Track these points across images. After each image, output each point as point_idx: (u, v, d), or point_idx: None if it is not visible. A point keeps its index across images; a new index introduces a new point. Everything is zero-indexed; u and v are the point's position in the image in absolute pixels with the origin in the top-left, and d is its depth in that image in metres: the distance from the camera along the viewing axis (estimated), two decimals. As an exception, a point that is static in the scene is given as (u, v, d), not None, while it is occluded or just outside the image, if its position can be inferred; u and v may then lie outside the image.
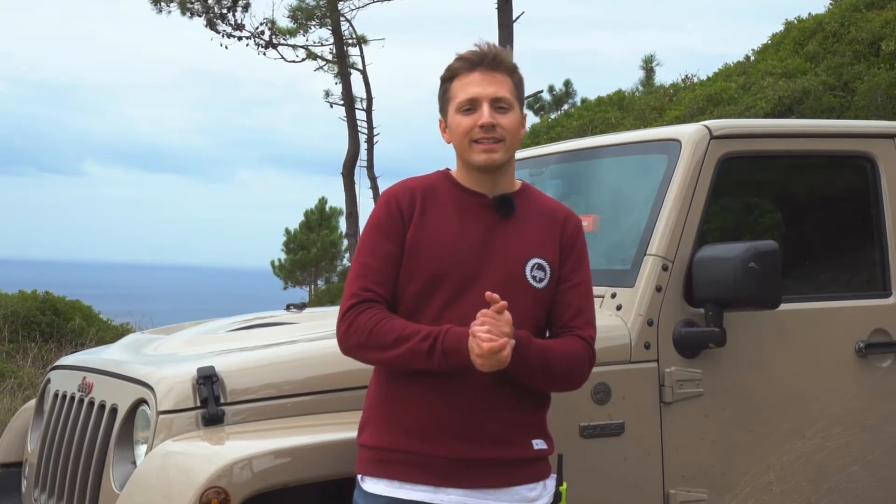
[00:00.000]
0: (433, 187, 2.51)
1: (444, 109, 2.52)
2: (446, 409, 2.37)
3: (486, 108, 2.42)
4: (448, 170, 2.57)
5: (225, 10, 20.40)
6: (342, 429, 2.62)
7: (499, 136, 2.43)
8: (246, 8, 20.51)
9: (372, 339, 2.36)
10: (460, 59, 2.49)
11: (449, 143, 2.52)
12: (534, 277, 2.44)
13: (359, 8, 20.69)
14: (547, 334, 2.50)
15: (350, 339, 2.41)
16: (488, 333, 2.21)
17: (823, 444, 3.29)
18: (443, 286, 2.40)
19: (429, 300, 2.41)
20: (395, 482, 2.38)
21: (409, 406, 2.40)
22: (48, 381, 3.66)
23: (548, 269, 2.46)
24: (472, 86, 2.44)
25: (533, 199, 2.55)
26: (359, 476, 2.45)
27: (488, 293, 2.23)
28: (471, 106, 2.44)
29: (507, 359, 2.23)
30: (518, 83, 2.50)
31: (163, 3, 19.47)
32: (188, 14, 20.29)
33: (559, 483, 2.51)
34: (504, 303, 2.25)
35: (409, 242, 2.44)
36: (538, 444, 2.46)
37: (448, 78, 2.50)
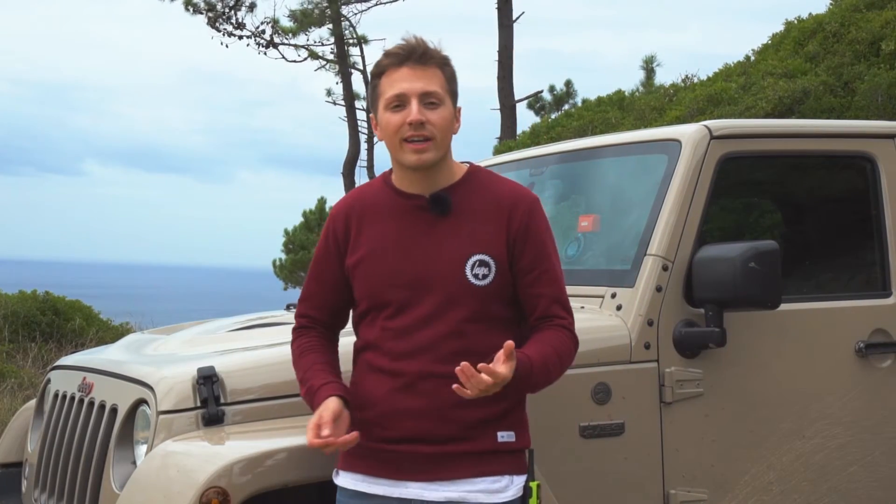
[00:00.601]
0: (372, 198, 2.49)
1: (374, 106, 2.45)
2: (402, 415, 2.37)
3: (414, 104, 2.35)
4: (391, 170, 2.52)
5: (227, 9, 20.43)
6: (342, 429, 2.62)
7: (428, 134, 2.35)
8: (252, 8, 20.54)
9: (294, 368, 2.54)
10: (388, 54, 2.41)
11: (381, 140, 2.45)
12: (476, 276, 2.37)
13: (361, 11, 20.72)
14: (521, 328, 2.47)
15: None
16: (315, 429, 2.25)
17: (823, 444, 3.29)
18: (388, 299, 2.40)
19: (380, 313, 2.42)
20: (360, 475, 2.41)
21: (373, 409, 2.40)
22: (48, 381, 3.66)
23: (492, 264, 2.38)
24: (401, 81, 2.36)
25: (478, 188, 2.45)
26: (335, 471, 2.48)
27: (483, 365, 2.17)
28: (399, 102, 2.36)
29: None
30: (450, 77, 2.42)
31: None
32: (190, 10, 20.30)
33: (530, 478, 2.43)
34: (511, 347, 2.20)
35: (348, 267, 2.46)
36: (504, 436, 2.39)
37: (377, 74, 2.43)
